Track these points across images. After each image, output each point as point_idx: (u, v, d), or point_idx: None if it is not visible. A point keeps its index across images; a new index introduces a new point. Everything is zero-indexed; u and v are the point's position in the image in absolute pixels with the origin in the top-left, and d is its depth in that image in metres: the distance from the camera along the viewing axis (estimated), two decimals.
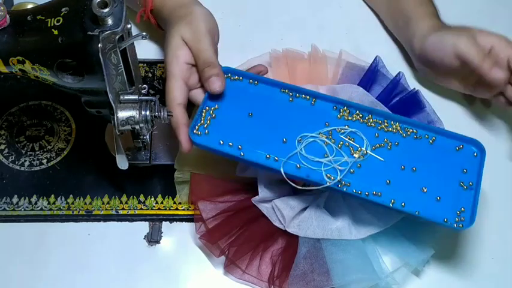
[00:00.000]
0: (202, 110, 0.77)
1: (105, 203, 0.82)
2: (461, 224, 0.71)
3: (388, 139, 0.77)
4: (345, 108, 0.78)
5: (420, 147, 0.76)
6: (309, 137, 0.76)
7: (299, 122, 0.77)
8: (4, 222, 0.81)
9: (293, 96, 0.80)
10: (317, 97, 0.79)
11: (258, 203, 0.79)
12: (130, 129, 0.71)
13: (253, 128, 0.77)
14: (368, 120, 0.78)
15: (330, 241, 0.77)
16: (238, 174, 0.81)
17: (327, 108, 0.79)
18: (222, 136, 0.76)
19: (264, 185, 0.78)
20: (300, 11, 1.00)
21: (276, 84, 0.80)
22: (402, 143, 0.77)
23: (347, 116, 0.78)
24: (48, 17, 0.65)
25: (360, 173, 0.74)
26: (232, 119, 0.77)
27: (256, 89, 0.80)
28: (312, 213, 0.78)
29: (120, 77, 0.69)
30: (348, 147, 0.75)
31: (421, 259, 0.77)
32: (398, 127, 0.77)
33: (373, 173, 0.74)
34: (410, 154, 0.76)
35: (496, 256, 0.81)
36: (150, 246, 0.80)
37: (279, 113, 0.78)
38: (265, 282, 0.76)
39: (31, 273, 0.77)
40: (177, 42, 0.78)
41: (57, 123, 0.87)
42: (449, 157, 0.75)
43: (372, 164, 0.75)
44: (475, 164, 0.75)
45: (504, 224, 0.83)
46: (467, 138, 0.76)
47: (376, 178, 0.74)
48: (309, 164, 0.74)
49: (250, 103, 0.79)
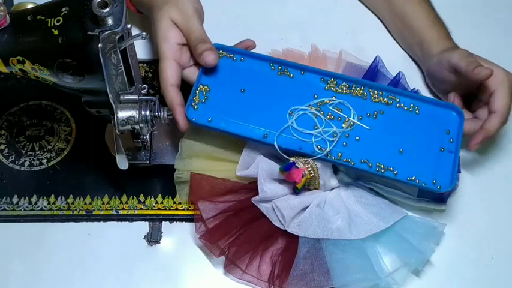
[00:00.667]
0: (196, 88, 0.79)
1: (105, 203, 0.82)
2: (440, 186, 0.75)
3: (374, 108, 0.80)
4: (332, 80, 0.82)
5: (403, 114, 0.80)
6: (299, 109, 0.79)
7: (289, 95, 0.80)
8: (4, 222, 0.81)
9: (282, 69, 0.82)
10: (305, 70, 0.82)
11: (258, 203, 0.79)
12: (130, 129, 0.71)
13: (246, 103, 0.80)
14: (354, 90, 0.81)
15: (330, 241, 0.77)
16: (238, 174, 0.81)
17: (315, 81, 0.82)
18: (217, 113, 0.78)
19: (264, 185, 0.78)
20: (300, 11, 1.00)
21: (265, 58, 0.83)
22: (387, 111, 0.80)
23: (334, 87, 0.81)
24: (48, 17, 0.65)
25: (348, 143, 0.77)
26: (225, 96, 0.80)
27: (246, 64, 0.83)
28: (312, 213, 0.78)
29: (120, 77, 0.69)
30: (336, 118, 0.78)
31: (421, 259, 0.77)
32: (382, 96, 0.81)
33: (361, 142, 0.77)
34: (394, 121, 0.79)
35: (496, 256, 0.81)
36: (150, 246, 0.80)
37: (270, 87, 0.81)
38: (265, 282, 0.76)
39: (31, 273, 0.77)
40: (167, 23, 0.79)
41: (57, 123, 0.87)
42: (432, 123, 0.79)
43: (359, 133, 0.78)
44: (455, 128, 0.78)
45: (504, 224, 0.83)
46: (448, 104, 0.81)
47: (364, 146, 0.77)
48: (300, 136, 0.77)
49: (242, 79, 0.81)
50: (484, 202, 0.84)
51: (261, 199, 0.78)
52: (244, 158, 0.81)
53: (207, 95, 0.79)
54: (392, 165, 0.76)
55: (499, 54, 0.94)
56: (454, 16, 0.92)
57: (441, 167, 0.76)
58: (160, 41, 0.79)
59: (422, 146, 0.77)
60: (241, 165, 0.81)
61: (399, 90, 0.82)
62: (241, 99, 0.80)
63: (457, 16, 0.94)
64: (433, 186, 0.75)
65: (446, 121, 0.79)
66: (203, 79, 0.80)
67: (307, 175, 0.77)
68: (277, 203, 0.78)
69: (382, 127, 0.79)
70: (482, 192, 0.85)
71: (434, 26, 0.90)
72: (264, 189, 0.78)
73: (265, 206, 0.79)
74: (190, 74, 0.81)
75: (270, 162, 0.79)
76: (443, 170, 0.76)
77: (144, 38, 0.66)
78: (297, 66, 0.82)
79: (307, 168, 0.77)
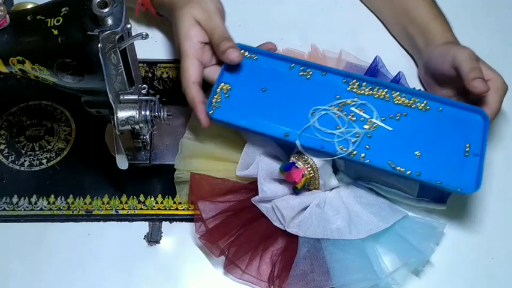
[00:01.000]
0: (218, 86, 0.80)
1: (105, 203, 0.82)
2: (461, 188, 0.74)
3: (396, 110, 0.79)
4: (354, 81, 0.81)
5: (427, 116, 0.79)
6: (321, 109, 0.78)
7: (311, 96, 0.80)
8: (4, 222, 0.81)
9: (303, 70, 0.82)
10: (327, 71, 0.82)
11: (258, 203, 0.79)
12: (130, 129, 0.71)
13: (268, 102, 0.80)
14: (376, 92, 0.80)
15: (330, 241, 0.77)
16: (238, 174, 0.81)
17: (337, 82, 0.81)
18: (238, 110, 0.79)
19: (264, 185, 0.78)
20: (300, 11, 1.00)
21: (287, 59, 0.83)
22: (410, 113, 0.79)
23: (356, 88, 0.81)
24: (48, 17, 0.65)
25: (370, 144, 0.76)
26: (247, 94, 0.80)
27: (267, 64, 0.83)
28: (312, 213, 0.78)
29: (120, 77, 0.69)
30: (359, 119, 0.78)
31: (421, 259, 0.77)
32: (405, 98, 0.80)
33: (383, 143, 0.77)
34: (417, 123, 0.78)
35: (496, 256, 0.81)
36: (150, 246, 0.80)
37: (291, 87, 0.81)
38: (265, 282, 0.76)
39: (31, 273, 0.77)
40: (189, 22, 0.79)
41: (57, 123, 0.87)
42: (456, 126, 0.78)
43: (382, 134, 0.77)
44: (480, 132, 0.77)
45: (504, 224, 0.83)
46: (472, 107, 0.79)
47: (386, 147, 0.76)
48: (323, 136, 0.77)
49: (263, 79, 0.81)
50: (484, 202, 0.84)
51: (261, 199, 0.78)
52: (244, 158, 0.81)
53: (228, 93, 0.80)
54: (415, 167, 0.75)
55: (498, 54, 0.94)
56: (455, 15, 0.92)
57: (466, 170, 0.75)
58: (183, 39, 0.79)
59: (446, 148, 0.76)
60: (241, 165, 0.81)
61: (423, 92, 0.82)
62: (263, 98, 0.80)
63: (457, 15, 0.94)
64: (457, 188, 0.74)
65: (471, 124, 0.78)
66: (225, 77, 0.81)
67: (307, 175, 0.77)
68: (277, 203, 0.78)
69: (405, 129, 0.78)
70: (482, 192, 0.85)
71: (437, 19, 0.90)
72: (264, 189, 0.78)
73: (265, 206, 0.79)
74: (211, 73, 0.81)
75: (270, 162, 0.79)
76: (468, 172, 0.75)
77: (144, 38, 0.66)
78: (318, 67, 0.82)
79: (307, 168, 0.77)
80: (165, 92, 0.90)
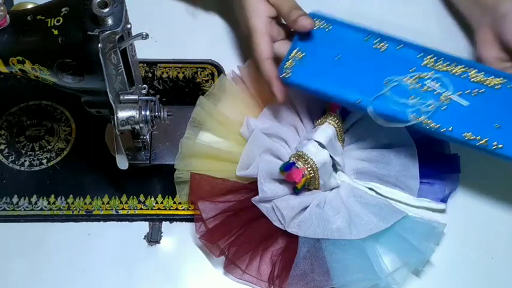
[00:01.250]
0: (291, 53, 0.79)
1: (105, 203, 0.82)
2: None
3: (474, 87, 0.78)
4: (431, 56, 0.80)
5: (505, 95, 0.77)
6: (395, 80, 0.78)
7: (385, 67, 0.79)
8: (4, 222, 0.81)
9: (379, 43, 0.81)
10: (403, 44, 0.81)
11: (258, 203, 0.79)
12: (130, 129, 0.71)
13: (341, 69, 0.79)
14: (452, 69, 0.79)
15: (330, 241, 0.77)
16: (238, 174, 0.81)
17: (412, 56, 0.80)
18: (312, 75, 0.78)
19: (264, 185, 0.78)
20: None
21: (363, 30, 0.82)
22: (488, 90, 0.78)
23: (432, 63, 0.80)
24: (48, 17, 0.65)
25: (445, 115, 0.76)
26: (320, 61, 0.80)
27: (341, 34, 0.82)
28: (312, 213, 0.78)
29: (120, 77, 0.69)
30: (433, 92, 0.77)
31: (421, 259, 0.77)
32: (483, 75, 0.78)
33: (458, 115, 0.76)
34: (495, 100, 0.77)
35: (496, 256, 0.81)
36: (150, 246, 0.80)
37: (365, 58, 0.80)
38: (265, 282, 0.76)
39: (31, 273, 0.77)
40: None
41: (57, 123, 0.87)
42: None
43: (458, 107, 0.76)
44: None
45: (504, 224, 0.83)
46: None
47: (462, 119, 0.75)
48: (395, 106, 0.76)
49: (336, 48, 0.81)
50: (484, 202, 0.84)
51: (261, 199, 0.78)
52: (244, 158, 0.81)
53: (302, 58, 0.79)
54: (493, 139, 0.74)
55: None
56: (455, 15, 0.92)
57: None
58: (251, 16, 0.79)
59: None
60: (241, 165, 0.81)
61: (502, 72, 0.79)
62: (336, 66, 0.79)
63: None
64: None
65: None
66: (298, 45, 0.80)
67: (307, 175, 0.77)
68: (277, 203, 0.78)
69: (481, 104, 0.76)
70: (482, 192, 0.85)
71: None
72: (264, 189, 0.78)
73: (265, 206, 0.79)
74: (281, 48, 0.81)
75: (270, 162, 0.79)
76: None
77: (144, 38, 0.66)
78: (395, 40, 0.81)
79: (307, 168, 0.77)
80: (165, 92, 0.90)
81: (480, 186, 0.85)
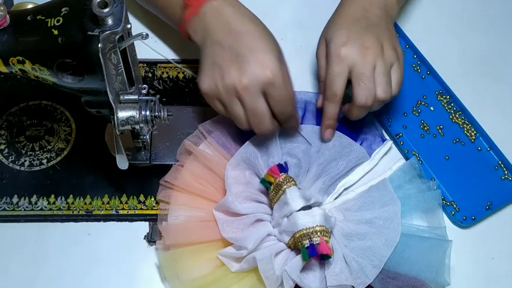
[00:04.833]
0: None
1: (105, 203, 0.82)
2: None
3: (461, 138, 0.87)
4: (446, 96, 0.89)
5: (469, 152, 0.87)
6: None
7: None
8: (4, 222, 0.81)
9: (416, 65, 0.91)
10: (431, 71, 0.91)
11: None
12: (130, 129, 0.71)
13: None
14: (457, 119, 0.88)
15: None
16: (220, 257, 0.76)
17: (433, 87, 0.90)
18: None
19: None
20: (300, 11, 1.00)
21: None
22: (467, 144, 0.87)
23: (444, 102, 0.89)
24: (48, 17, 0.65)
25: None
26: None
27: None
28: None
29: (120, 77, 0.69)
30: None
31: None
32: (473, 133, 0.87)
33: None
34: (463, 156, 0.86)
35: (496, 256, 0.81)
36: (150, 246, 0.80)
37: None
38: None
39: (31, 273, 0.77)
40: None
41: (57, 123, 0.87)
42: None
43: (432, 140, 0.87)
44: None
45: (504, 224, 0.83)
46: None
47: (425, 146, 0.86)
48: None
49: None
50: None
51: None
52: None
53: None
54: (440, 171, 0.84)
55: (496, 52, 0.94)
56: (454, 14, 0.92)
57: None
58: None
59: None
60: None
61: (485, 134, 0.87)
62: None
63: (456, 14, 0.94)
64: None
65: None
66: None
67: (327, 239, 0.72)
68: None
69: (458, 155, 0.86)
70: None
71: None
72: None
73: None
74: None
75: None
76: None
77: (144, 38, 0.66)
78: (427, 65, 0.90)
79: (323, 237, 0.72)
80: (165, 92, 0.90)
81: None
